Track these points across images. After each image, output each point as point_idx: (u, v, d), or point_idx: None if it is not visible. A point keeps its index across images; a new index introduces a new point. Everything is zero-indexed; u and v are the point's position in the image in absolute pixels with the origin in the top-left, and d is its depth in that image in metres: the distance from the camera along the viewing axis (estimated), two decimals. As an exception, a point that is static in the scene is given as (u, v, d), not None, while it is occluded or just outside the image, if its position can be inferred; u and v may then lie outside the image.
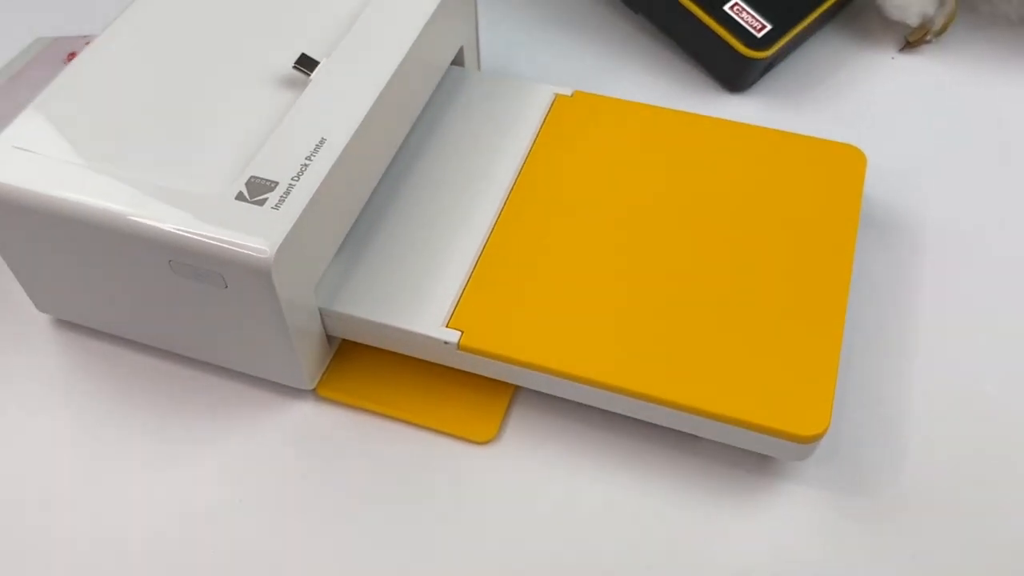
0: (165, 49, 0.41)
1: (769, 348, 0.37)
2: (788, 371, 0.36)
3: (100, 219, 0.35)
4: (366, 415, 0.40)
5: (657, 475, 0.38)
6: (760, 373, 0.36)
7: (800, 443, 0.35)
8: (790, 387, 0.36)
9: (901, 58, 0.54)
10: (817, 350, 0.37)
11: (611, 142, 0.44)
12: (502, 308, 0.38)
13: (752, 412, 0.35)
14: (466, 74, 0.47)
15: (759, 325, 0.38)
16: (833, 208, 0.41)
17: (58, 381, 0.41)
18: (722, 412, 0.35)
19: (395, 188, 0.43)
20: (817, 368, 0.36)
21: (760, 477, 0.38)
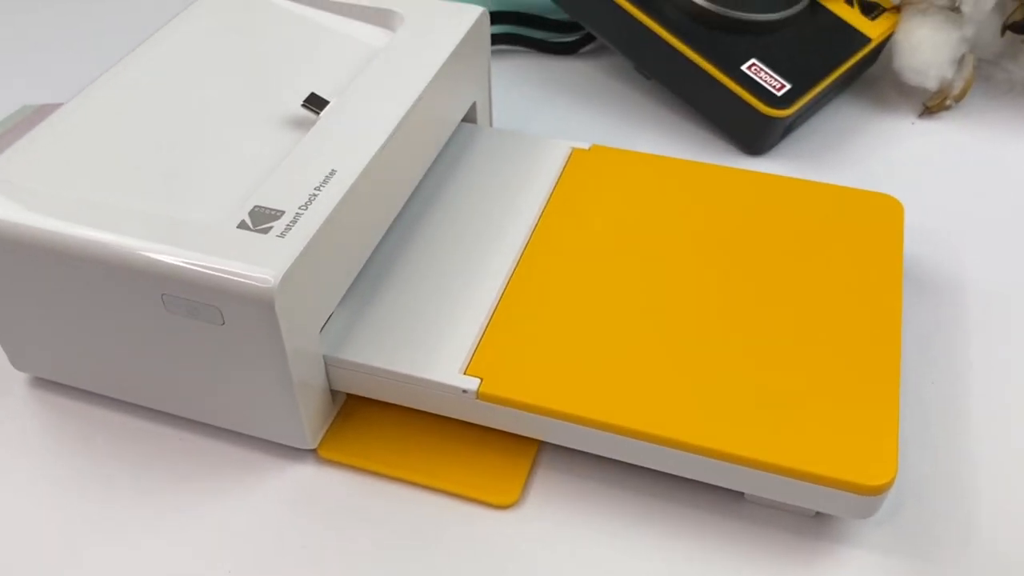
0: (166, 89, 0.39)
1: (822, 395, 0.34)
2: (845, 418, 0.33)
3: (87, 250, 0.32)
4: (372, 478, 0.36)
5: (697, 542, 0.34)
6: (815, 421, 0.33)
7: (866, 495, 0.31)
8: (849, 435, 0.32)
9: (921, 123, 0.53)
10: (874, 396, 0.33)
11: (635, 192, 0.42)
12: (524, 354, 0.35)
13: (811, 461, 0.31)
14: (480, 129, 0.46)
15: (808, 372, 0.34)
16: (874, 255, 0.39)
17: (34, 444, 0.37)
18: (777, 462, 0.32)
19: (407, 236, 0.40)
20: (876, 415, 0.33)
21: (815, 541, 0.34)
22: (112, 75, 0.40)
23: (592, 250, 0.39)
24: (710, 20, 0.49)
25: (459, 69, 0.42)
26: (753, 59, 0.49)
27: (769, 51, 0.49)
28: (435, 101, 0.40)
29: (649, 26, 0.49)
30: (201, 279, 0.31)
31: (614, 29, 0.51)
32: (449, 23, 0.43)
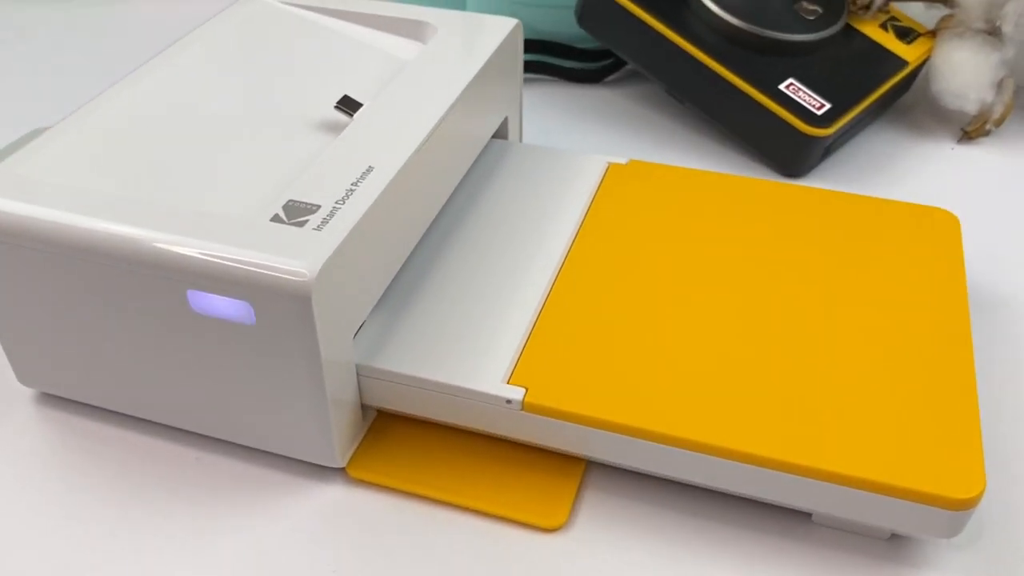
0: (192, 93, 0.38)
1: (895, 405, 0.31)
2: (924, 429, 0.30)
3: (105, 243, 0.30)
4: (406, 499, 0.33)
5: (760, 568, 0.31)
6: (891, 431, 0.30)
7: (953, 510, 0.28)
8: (930, 445, 0.30)
9: (961, 149, 0.51)
10: (953, 406, 0.31)
11: (677, 205, 0.40)
12: (570, 364, 0.33)
13: (890, 473, 0.29)
14: (513, 144, 0.44)
15: (879, 382, 0.32)
16: (936, 267, 0.37)
17: (41, 465, 0.34)
18: (852, 474, 0.29)
19: (442, 245, 0.38)
20: (957, 425, 0.30)
21: (891, 567, 0.31)
22: (136, 77, 0.38)
23: (636, 261, 0.37)
24: (745, 40, 0.48)
25: (493, 79, 0.41)
26: (791, 79, 0.47)
27: (806, 71, 0.48)
28: (470, 108, 0.38)
29: (683, 47, 0.48)
30: (230, 272, 0.29)
31: (645, 52, 0.50)
32: (483, 33, 0.41)
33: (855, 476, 0.29)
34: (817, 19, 0.49)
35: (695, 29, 0.49)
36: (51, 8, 0.65)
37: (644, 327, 0.34)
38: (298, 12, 0.44)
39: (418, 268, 0.37)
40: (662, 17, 0.49)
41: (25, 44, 0.61)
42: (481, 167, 0.42)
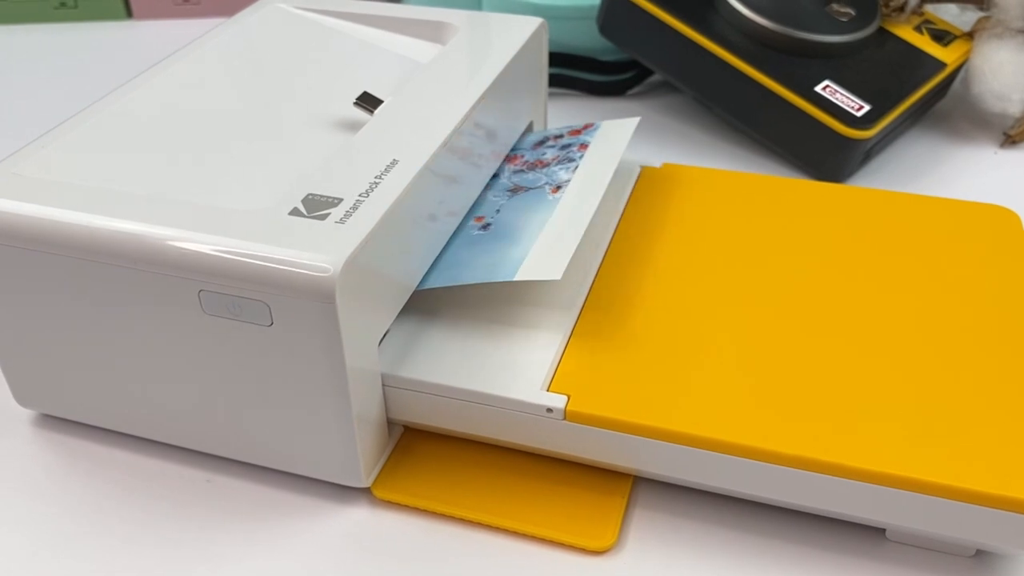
0: (206, 93, 0.36)
1: (973, 408, 0.28)
2: (1009, 431, 0.28)
3: (113, 242, 0.27)
4: (437, 521, 0.30)
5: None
6: (972, 435, 0.28)
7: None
8: (1018, 448, 0.27)
9: (1004, 153, 0.49)
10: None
11: (716, 206, 0.38)
12: (612, 370, 0.30)
13: (976, 478, 0.26)
14: (539, 149, 0.42)
15: (955, 382, 0.29)
16: (1000, 265, 0.34)
17: (40, 489, 0.32)
18: (934, 480, 0.26)
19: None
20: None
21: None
22: (147, 77, 0.36)
23: (679, 262, 0.35)
24: (777, 43, 0.46)
25: (519, 78, 0.39)
26: (827, 80, 0.45)
27: (842, 74, 0.46)
28: (496, 105, 0.36)
29: (713, 51, 0.46)
30: (245, 270, 0.26)
31: (672, 58, 0.48)
32: (507, 32, 0.39)
33: (936, 483, 0.26)
34: (850, 21, 0.47)
35: (724, 32, 0.47)
36: (60, 30, 0.64)
37: (692, 329, 0.32)
38: (314, 16, 0.42)
39: (445, 274, 0.34)
40: (689, 21, 0.47)
41: (34, 65, 0.59)
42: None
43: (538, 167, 0.37)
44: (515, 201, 0.35)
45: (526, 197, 0.35)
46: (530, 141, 0.40)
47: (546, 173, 0.36)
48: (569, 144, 0.38)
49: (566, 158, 0.37)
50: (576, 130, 0.39)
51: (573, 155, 0.37)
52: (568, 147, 0.38)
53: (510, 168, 0.38)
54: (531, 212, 0.34)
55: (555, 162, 0.37)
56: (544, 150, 0.38)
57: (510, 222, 0.34)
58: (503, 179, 0.37)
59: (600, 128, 0.39)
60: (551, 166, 0.37)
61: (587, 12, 0.52)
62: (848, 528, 0.30)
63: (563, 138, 0.39)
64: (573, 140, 0.38)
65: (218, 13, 0.66)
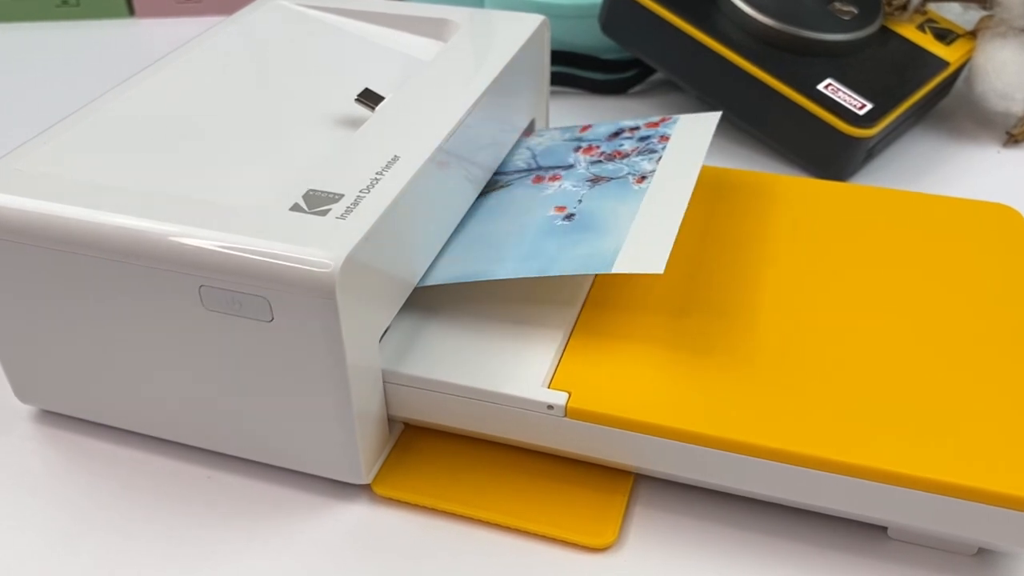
0: (205, 90, 0.36)
1: (980, 405, 0.28)
2: (1012, 428, 0.28)
3: (112, 237, 0.27)
4: (437, 518, 0.30)
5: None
6: (976, 433, 0.27)
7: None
8: (1021, 450, 0.27)
9: (1007, 152, 0.49)
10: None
11: (719, 203, 0.38)
12: (614, 366, 0.30)
13: (979, 476, 0.26)
14: (540, 147, 0.42)
15: (959, 379, 0.29)
16: (1006, 263, 0.34)
17: (41, 486, 0.32)
18: (936, 477, 0.26)
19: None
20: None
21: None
22: (147, 74, 0.36)
23: (683, 257, 0.35)
24: (779, 41, 0.46)
25: (520, 75, 0.39)
26: (829, 79, 0.45)
27: (845, 72, 0.46)
28: (497, 102, 0.36)
29: (715, 50, 0.46)
30: (247, 265, 0.26)
31: (675, 57, 0.48)
32: (509, 29, 0.39)
33: (938, 480, 0.26)
34: (853, 19, 0.47)
35: (726, 31, 0.47)
36: (61, 28, 0.64)
37: (692, 326, 0.32)
38: (315, 14, 0.42)
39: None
40: (691, 19, 0.47)
41: (36, 63, 0.59)
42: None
43: (617, 158, 0.36)
44: (597, 191, 0.34)
45: (608, 187, 0.34)
46: (603, 132, 0.39)
47: (627, 163, 0.35)
48: (648, 136, 0.37)
49: (647, 149, 0.36)
50: (653, 122, 0.38)
51: (654, 146, 0.36)
52: (647, 139, 0.37)
53: (586, 158, 0.37)
54: (617, 202, 0.33)
55: (635, 153, 0.36)
56: (621, 141, 0.37)
57: (595, 212, 0.33)
58: (580, 169, 0.36)
59: (679, 121, 0.38)
60: (631, 156, 0.36)
61: (589, 10, 0.52)
62: (850, 526, 0.30)
63: (640, 130, 0.38)
64: (652, 132, 0.38)
65: (220, 11, 0.66)
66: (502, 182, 0.37)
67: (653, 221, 0.31)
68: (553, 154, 0.38)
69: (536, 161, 0.38)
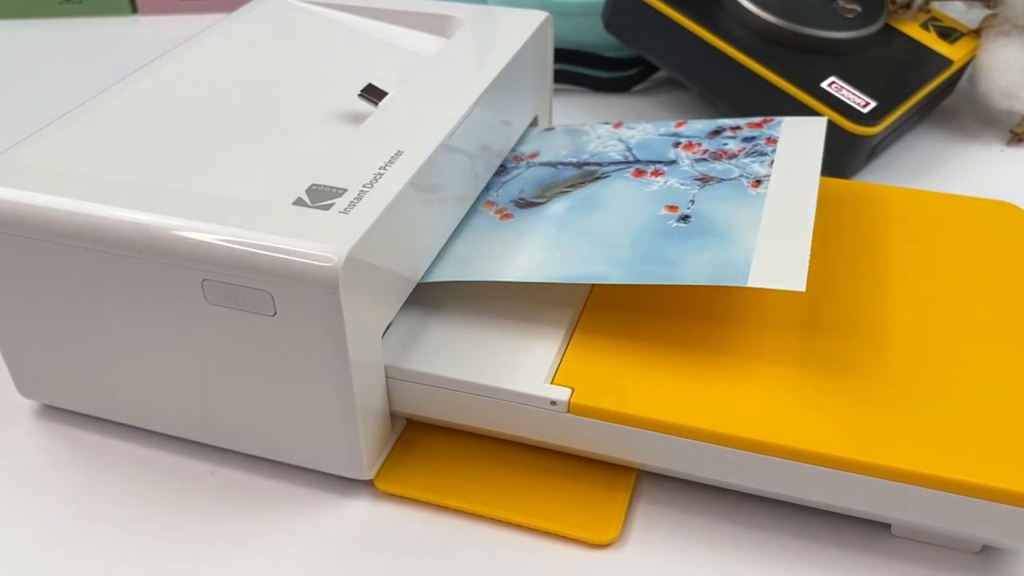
0: (207, 87, 0.36)
1: (987, 403, 0.28)
2: (1017, 426, 0.27)
3: (115, 231, 0.27)
4: (439, 514, 0.30)
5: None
6: (983, 431, 0.27)
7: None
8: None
9: (1011, 151, 0.49)
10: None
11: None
12: (617, 363, 0.30)
13: (983, 472, 0.26)
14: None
15: (963, 376, 0.29)
16: (1011, 260, 0.34)
17: (43, 482, 0.32)
18: (940, 474, 0.26)
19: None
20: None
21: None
22: (150, 69, 0.36)
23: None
24: (783, 39, 0.46)
25: (524, 71, 0.38)
26: (833, 77, 0.45)
27: (848, 70, 0.46)
28: (501, 98, 0.36)
29: (719, 47, 0.46)
30: (250, 259, 0.26)
31: (678, 55, 0.48)
32: (512, 26, 0.39)
33: (942, 477, 0.26)
34: (856, 17, 0.47)
35: (730, 28, 0.47)
36: (64, 25, 0.64)
37: (694, 322, 0.31)
38: (318, 10, 0.42)
39: (449, 267, 0.34)
40: (695, 17, 0.47)
41: (39, 60, 0.59)
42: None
43: (724, 157, 0.35)
44: (709, 192, 0.33)
45: (721, 188, 0.33)
46: (702, 129, 0.38)
47: (737, 165, 0.34)
48: (753, 136, 0.36)
49: (755, 151, 0.35)
50: (755, 123, 0.38)
51: (763, 148, 0.35)
52: (753, 139, 0.36)
53: (688, 155, 0.35)
54: (733, 206, 0.32)
55: (742, 154, 0.35)
56: (724, 140, 0.36)
57: (711, 215, 0.32)
58: (684, 166, 0.35)
59: (784, 123, 0.37)
60: (739, 158, 0.35)
61: (592, 8, 0.52)
62: (853, 523, 0.29)
63: (742, 130, 0.37)
64: (757, 133, 0.37)
65: (222, 8, 0.66)
66: (598, 172, 0.35)
67: (782, 232, 0.30)
68: (650, 148, 0.37)
69: (632, 154, 0.36)
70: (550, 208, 0.34)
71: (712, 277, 0.29)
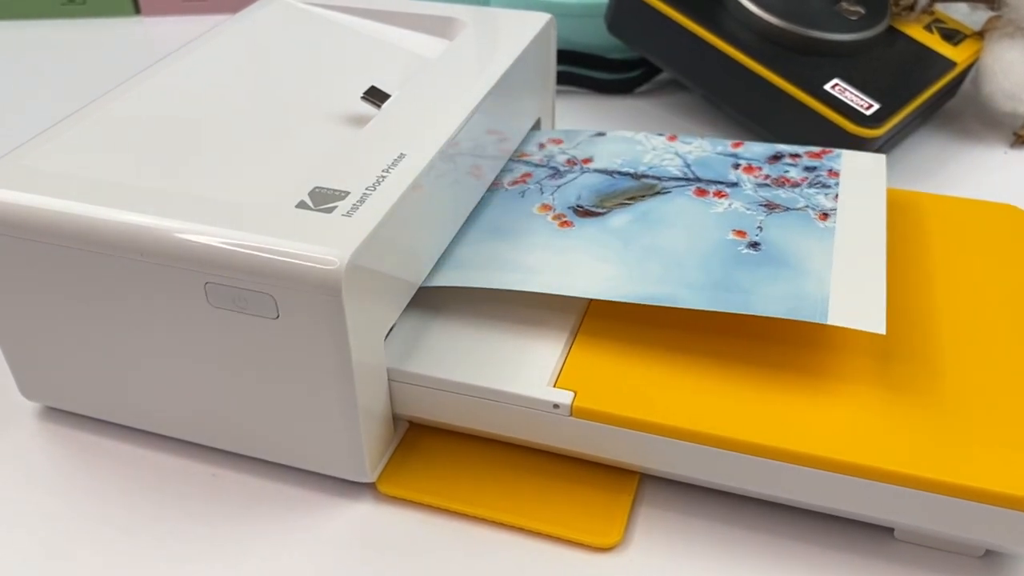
0: (209, 89, 0.36)
1: (990, 408, 0.28)
2: (1019, 434, 0.27)
3: (118, 234, 0.27)
4: (442, 517, 0.30)
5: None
6: (985, 435, 0.27)
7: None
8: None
9: (1014, 153, 0.49)
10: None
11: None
12: (620, 366, 0.30)
13: (987, 477, 0.26)
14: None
15: (965, 380, 0.29)
16: (1013, 265, 0.34)
17: (45, 483, 0.32)
18: (943, 479, 0.26)
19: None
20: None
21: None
22: (152, 72, 0.36)
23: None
24: (786, 41, 0.46)
25: (527, 73, 0.38)
26: (836, 79, 0.45)
27: (852, 72, 0.46)
28: (504, 101, 0.36)
29: (722, 49, 0.46)
30: (252, 262, 0.26)
31: (681, 57, 0.48)
32: (515, 28, 0.39)
33: (945, 481, 0.26)
34: (860, 19, 0.47)
35: (733, 30, 0.47)
36: (67, 27, 0.64)
37: (697, 325, 0.31)
38: (320, 12, 0.42)
39: (451, 269, 0.34)
40: (698, 19, 0.47)
41: (41, 61, 0.59)
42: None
43: (787, 184, 0.35)
44: (776, 219, 0.33)
45: (788, 217, 0.33)
46: (761, 153, 0.38)
47: (802, 195, 0.34)
48: (815, 167, 0.36)
49: (818, 182, 0.35)
50: (815, 152, 0.38)
51: (826, 180, 0.35)
52: (815, 170, 0.36)
53: (750, 178, 0.35)
54: (802, 237, 0.32)
55: (805, 184, 0.35)
56: (785, 167, 0.36)
57: (781, 245, 0.32)
58: (746, 190, 0.35)
59: (843, 156, 0.37)
60: (803, 187, 0.35)
61: (595, 10, 0.52)
62: (855, 527, 0.29)
63: (802, 158, 0.37)
64: (818, 164, 0.37)
65: (226, 9, 0.66)
66: (658, 187, 0.35)
67: (856, 270, 0.30)
68: (710, 167, 0.37)
69: (692, 171, 0.36)
70: (611, 219, 0.34)
71: (790, 311, 0.29)
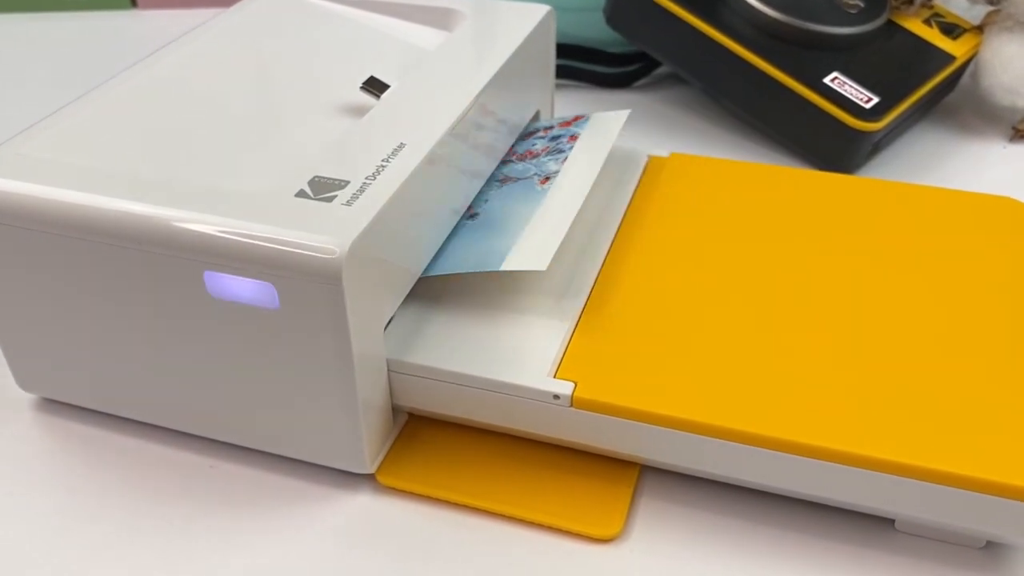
0: (207, 80, 0.35)
1: (987, 398, 0.28)
2: (1019, 425, 0.27)
3: (116, 223, 0.27)
4: (441, 508, 0.30)
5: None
6: (984, 425, 0.27)
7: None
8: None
9: (1013, 148, 0.49)
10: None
11: (723, 195, 0.38)
12: (621, 357, 0.30)
13: (987, 467, 0.26)
14: (545, 138, 0.42)
15: (966, 370, 0.29)
16: (1011, 256, 0.34)
17: (42, 475, 0.31)
18: (944, 469, 0.26)
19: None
20: (1055, 416, 0.27)
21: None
22: (150, 61, 0.36)
23: (688, 251, 0.34)
24: (786, 34, 0.46)
25: (526, 64, 0.38)
26: (836, 72, 0.45)
27: (851, 66, 0.46)
28: (504, 91, 0.36)
29: (721, 42, 0.46)
30: (251, 251, 0.26)
31: (680, 50, 0.48)
32: (515, 19, 0.39)
33: (945, 471, 0.26)
34: (859, 13, 0.47)
35: (732, 23, 0.46)
36: (63, 19, 0.63)
37: (699, 317, 0.31)
38: (319, 3, 0.42)
39: (451, 261, 0.34)
40: (697, 12, 0.46)
41: (38, 54, 0.59)
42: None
43: (528, 158, 0.37)
44: (504, 191, 0.35)
45: (515, 187, 0.35)
46: (526, 131, 0.40)
47: (535, 164, 0.36)
48: (559, 135, 0.38)
49: (556, 149, 0.37)
50: (566, 122, 0.39)
51: (563, 146, 0.37)
52: (558, 138, 0.38)
53: (513, 161, 0.37)
54: (519, 203, 0.34)
55: (544, 153, 0.37)
56: (534, 141, 0.38)
57: (498, 212, 0.34)
58: (494, 173, 0.37)
59: (590, 119, 0.38)
60: (540, 157, 0.36)
61: (594, 3, 0.52)
62: (856, 518, 0.29)
63: (553, 129, 0.39)
64: (563, 132, 0.38)
65: (222, 1, 0.65)
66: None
67: (547, 222, 0.32)
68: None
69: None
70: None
71: (476, 265, 0.31)
